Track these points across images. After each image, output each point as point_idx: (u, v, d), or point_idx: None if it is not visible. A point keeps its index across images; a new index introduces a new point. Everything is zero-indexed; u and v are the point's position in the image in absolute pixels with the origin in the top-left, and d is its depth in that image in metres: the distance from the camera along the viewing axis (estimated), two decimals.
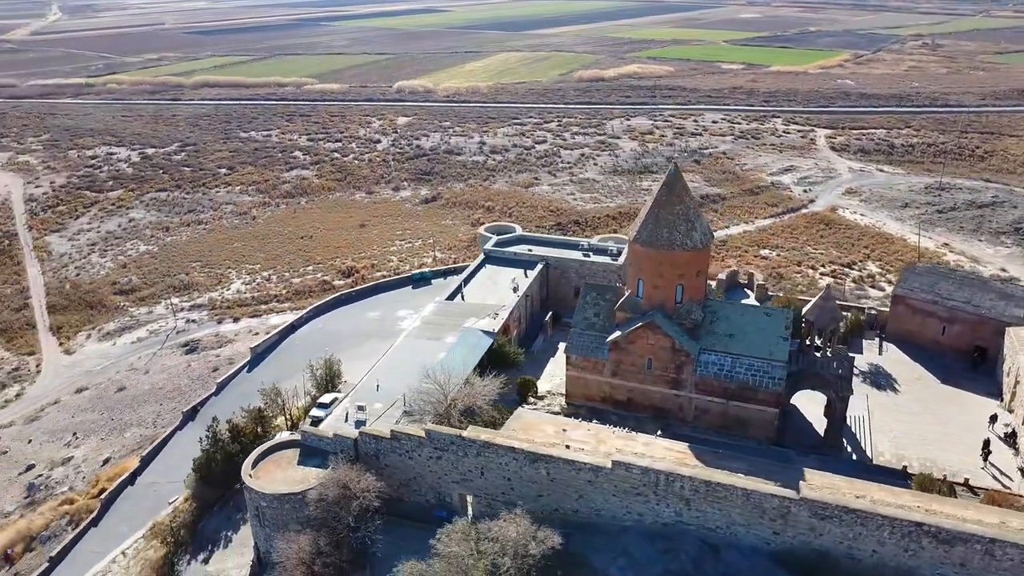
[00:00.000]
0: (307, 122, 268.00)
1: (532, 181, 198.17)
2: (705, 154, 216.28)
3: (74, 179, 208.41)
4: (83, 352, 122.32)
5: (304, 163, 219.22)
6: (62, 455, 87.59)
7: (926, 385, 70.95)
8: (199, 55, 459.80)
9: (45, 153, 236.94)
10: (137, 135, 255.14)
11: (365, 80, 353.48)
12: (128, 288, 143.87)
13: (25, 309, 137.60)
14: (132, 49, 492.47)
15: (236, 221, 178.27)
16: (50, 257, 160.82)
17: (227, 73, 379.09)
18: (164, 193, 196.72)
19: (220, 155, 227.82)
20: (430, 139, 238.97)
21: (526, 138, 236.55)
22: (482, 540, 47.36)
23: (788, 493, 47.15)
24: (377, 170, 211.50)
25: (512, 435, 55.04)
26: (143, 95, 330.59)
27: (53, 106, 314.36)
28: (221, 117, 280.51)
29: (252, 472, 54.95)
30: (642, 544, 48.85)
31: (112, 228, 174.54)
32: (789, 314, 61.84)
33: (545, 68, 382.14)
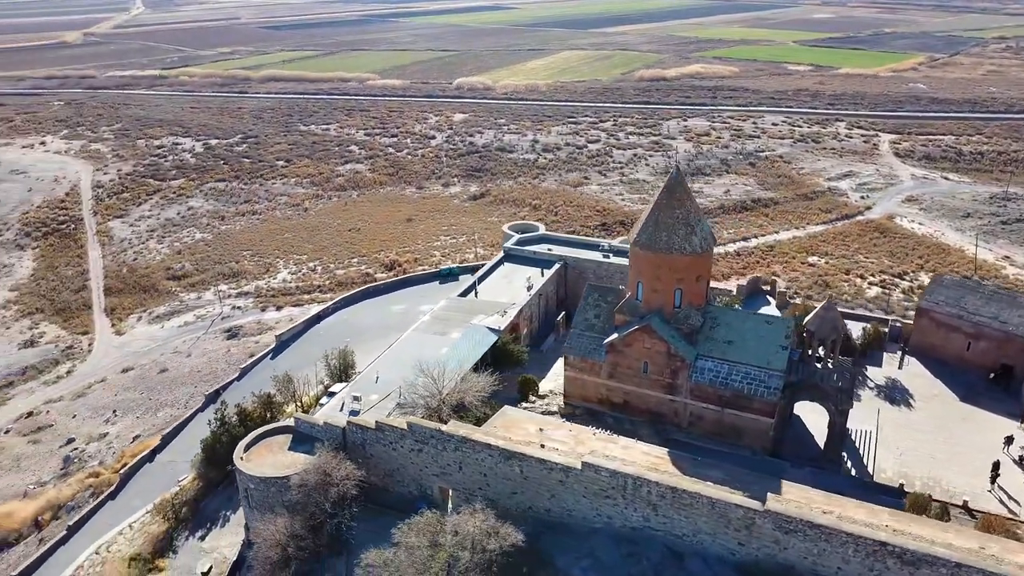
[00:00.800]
0: (366, 117, 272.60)
1: (581, 180, 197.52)
2: (761, 157, 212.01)
3: (140, 167, 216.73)
4: (132, 334, 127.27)
5: (359, 157, 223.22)
6: (99, 431, 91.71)
7: (943, 402, 68.31)
8: (269, 49, 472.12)
9: (116, 142, 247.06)
10: (203, 126, 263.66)
11: (426, 76, 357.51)
12: (180, 274, 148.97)
13: (83, 291, 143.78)
14: (207, 43, 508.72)
15: (289, 212, 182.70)
16: (111, 242, 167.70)
17: (294, 67, 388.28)
18: (223, 183, 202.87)
19: (279, 147, 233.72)
20: (484, 136, 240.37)
21: (579, 137, 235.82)
22: (441, 533, 47.94)
23: (753, 504, 46.37)
24: (429, 165, 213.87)
25: (493, 432, 55.37)
26: (212, 87, 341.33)
27: (128, 97, 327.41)
28: (284, 110, 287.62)
29: (244, 455, 56.77)
30: (609, 547, 48.59)
31: (171, 216, 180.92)
32: (791, 323, 60.39)
33: (607, 67, 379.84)
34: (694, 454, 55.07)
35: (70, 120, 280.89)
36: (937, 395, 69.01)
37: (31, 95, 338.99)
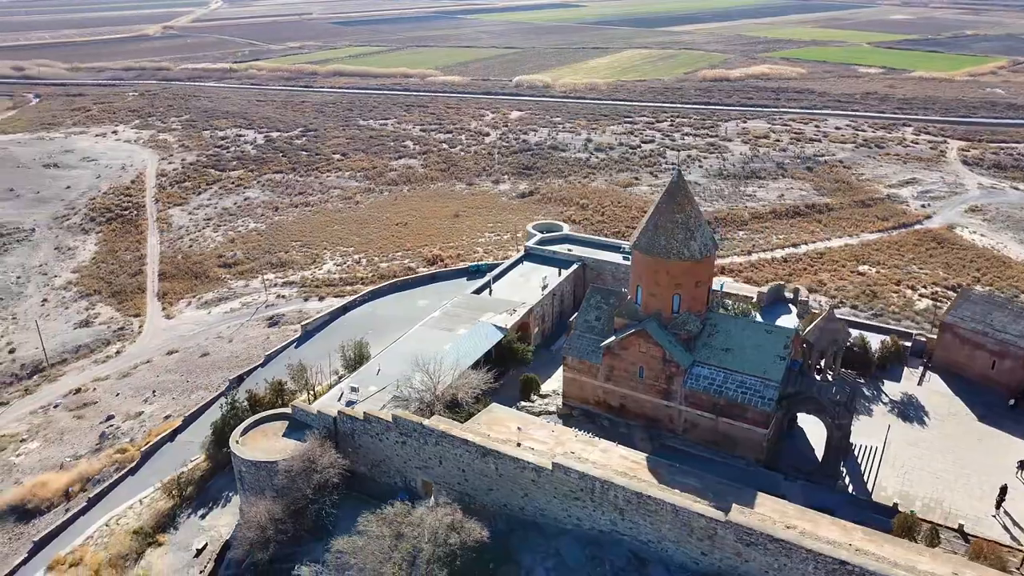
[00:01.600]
0: (424, 113, 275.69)
1: (632, 181, 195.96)
2: (820, 161, 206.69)
3: (203, 157, 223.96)
4: (181, 318, 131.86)
5: (413, 152, 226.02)
6: (136, 409, 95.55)
7: (960, 421, 65.53)
8: (337, 44, 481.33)
9: (182, 132, 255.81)
10: (266, 119, 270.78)
11: (487, 73, 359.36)
12: (232, 262, 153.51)
13: (139, 275, 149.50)
14: (278, 37, 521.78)
15: (340, 205, 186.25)
16: (169, 228, 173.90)
17: (360, 63, 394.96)
18: (280, 175, 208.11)
19: (337, 141, 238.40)
20: (537, 134, 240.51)
21: (634, 137, 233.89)
22: (406, 524, 48.60)
23: (716, 514, 45.69)
24: (481, 162, 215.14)
25: (476, 429, 55.75)
26: (279, 81, 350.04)
27: (199, 89, 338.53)
28: (345, 105, 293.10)
29: (240, 439, 58.60)
30: (575, 548, 48.52)
31: (228, 205, 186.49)
32: (791, 333, 58.76)
33: (670, 66, 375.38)
34: (687, 461, 54.46)
35: (142, 110, 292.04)
36: (954, 414, 66.31)
37: (109, 86, 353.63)
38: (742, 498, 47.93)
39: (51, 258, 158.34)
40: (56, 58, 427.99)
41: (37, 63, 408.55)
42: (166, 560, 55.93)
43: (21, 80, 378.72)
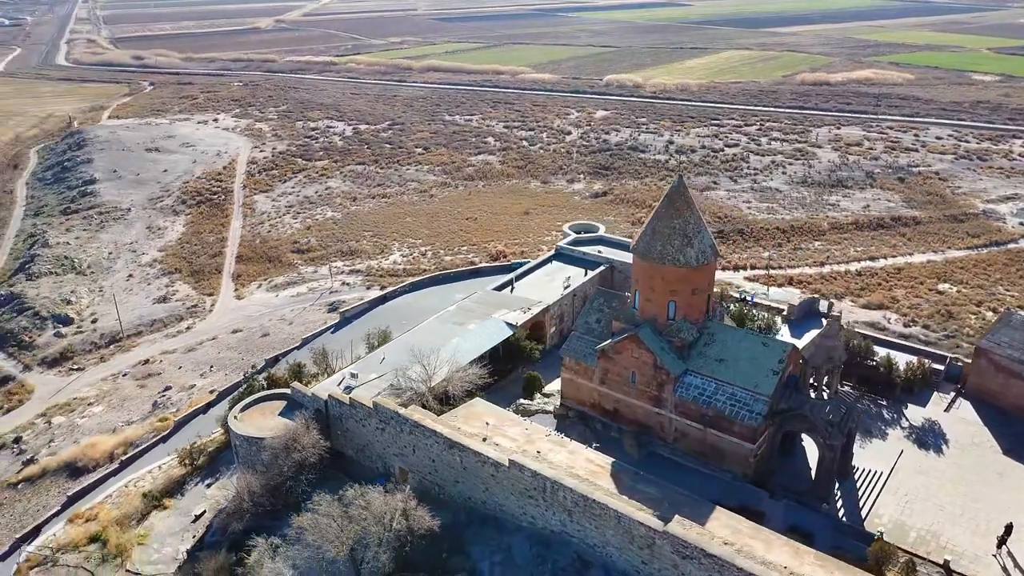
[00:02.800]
0: (509, 110, 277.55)
1: (710, 185, 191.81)
2: (913, 172, 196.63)
3: (292, 147, 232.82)
4: (250, 299, 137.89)
5: (492, 148, 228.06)
6: (191, 382, 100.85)
7: (981, 453, 61.19)
8: (436, 40, 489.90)
9: (277, 122, 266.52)
10: (357, 112, 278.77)
11: (579, 72, 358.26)
12: (305, 248, 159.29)
13: (219, 256, 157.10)
14: (381, 32, 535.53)
15: (416, 198, 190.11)
16: (253, 214, 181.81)
17: (456, 59, 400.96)
18: (362, 166, 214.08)
19: (421, 135, 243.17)
20: (620, 134, 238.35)
21: (718, 140, 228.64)
22: (356, 506, 49.85)
23: (654, 524, 44.97)
24: (558, 160, 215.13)
25: (451, 421, 56.39)
26: (374, 76, 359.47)
27: (299, 81, 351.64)
28: (434, 100, 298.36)
29: (239, 415, 61.25)
30: (525, 546, 48.54)
31: (310, 194, 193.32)
32: (788, 348, 56.27)
33: (769, 68, 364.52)
34: (674, 470, 53.42)
35: (243, 100, 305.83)
36: (978, 444, 62.05)
37: (216, 75, 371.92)
38: (697, 511, 46.81)
39: (142, 237, 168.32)
40: (174, 48, 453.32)
41: (155, 52, 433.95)
42: (166, 523, 59.51)
43: (140, 68, 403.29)
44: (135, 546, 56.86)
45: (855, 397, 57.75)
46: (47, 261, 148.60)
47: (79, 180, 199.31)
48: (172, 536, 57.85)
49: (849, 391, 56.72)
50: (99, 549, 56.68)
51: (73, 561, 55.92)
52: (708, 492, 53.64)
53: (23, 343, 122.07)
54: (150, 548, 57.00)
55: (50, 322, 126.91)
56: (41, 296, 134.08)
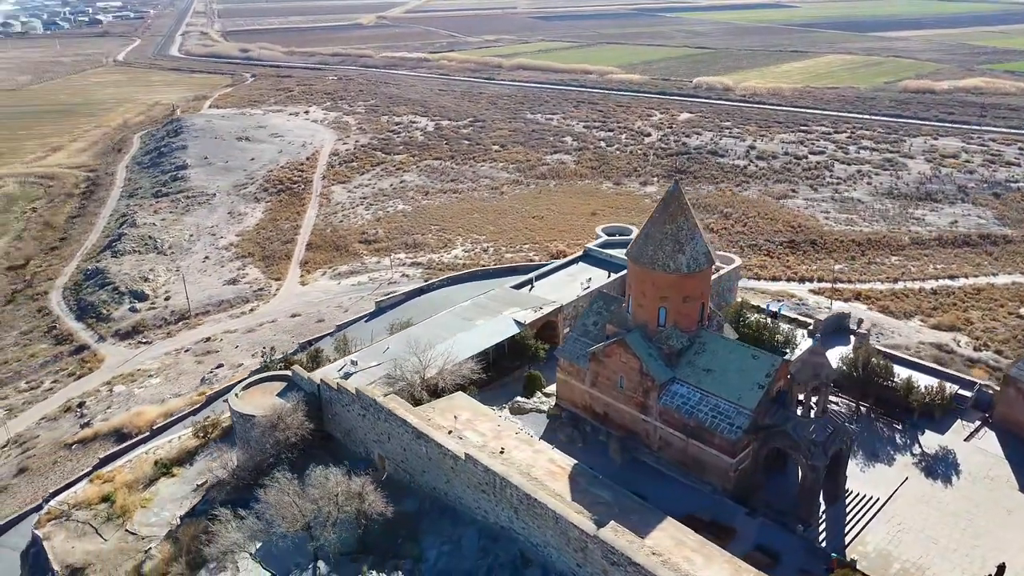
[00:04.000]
0: (591, 110, 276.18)
1: (788, 193, 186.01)
2: (1011, 187, 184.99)
3: (375, 141, 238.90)
4: (313, 285, 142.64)
5: (569, 148, 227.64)
6: (240, 361, 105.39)
7: (995, 487, 56.81)
8: (530, 39, 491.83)
9: (364, 116, 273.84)
10: (441, 108, 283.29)
11: (669, 73, 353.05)
12: (372, 239, 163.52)
13: (291, 243, 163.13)
14: (478, 30, 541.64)
15: (486, 194, 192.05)
16: (328, 204, 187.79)
17: (547, 58, 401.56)
18: (438, 162, 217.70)
19: (500, 133, 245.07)
20: (700, 138, 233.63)
21: (803, 147, 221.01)
22: (314, 485, 51.29)
23: (587, 527, 44.45)
24: (633, 162, 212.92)
25: (425, 412, 56.98)
26: (464, 73, 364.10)
27: (391, 76, 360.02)
28: (518, 98, 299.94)
29: (240, 393, 63.76)
30: (474, 539, 48.88)
31: (384, 187, 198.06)
32: (778, 361, 53.83)
33: (870, 74, 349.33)
34: (655, 479, 52.30)
35: (335, 94, 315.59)
36: (992, 478, 57.74)
37: (314, 69, 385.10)
38: (645, 520, 45.82)
39: (222, 221, 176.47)
40: (278, 42, 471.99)
41: (260, 46, 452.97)
42: (170, 489, 62.97)
43: (244, 61, 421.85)
44: (138, 508, 60.59)
45: (851, 417, 54.77)
46: (132, 240, 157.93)
47: (172, 165, 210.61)
48: (173, 502, 61.24)
49: (839, 411, 53.81)
50: (107, 508, 60.73)
51: (83, 517, 60.06)
52: (683, 503, 52.55)
53: (101, 315, 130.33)
54: (151, 511, 60.63)
55: (127, 297, 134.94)
56: (122, 273, 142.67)
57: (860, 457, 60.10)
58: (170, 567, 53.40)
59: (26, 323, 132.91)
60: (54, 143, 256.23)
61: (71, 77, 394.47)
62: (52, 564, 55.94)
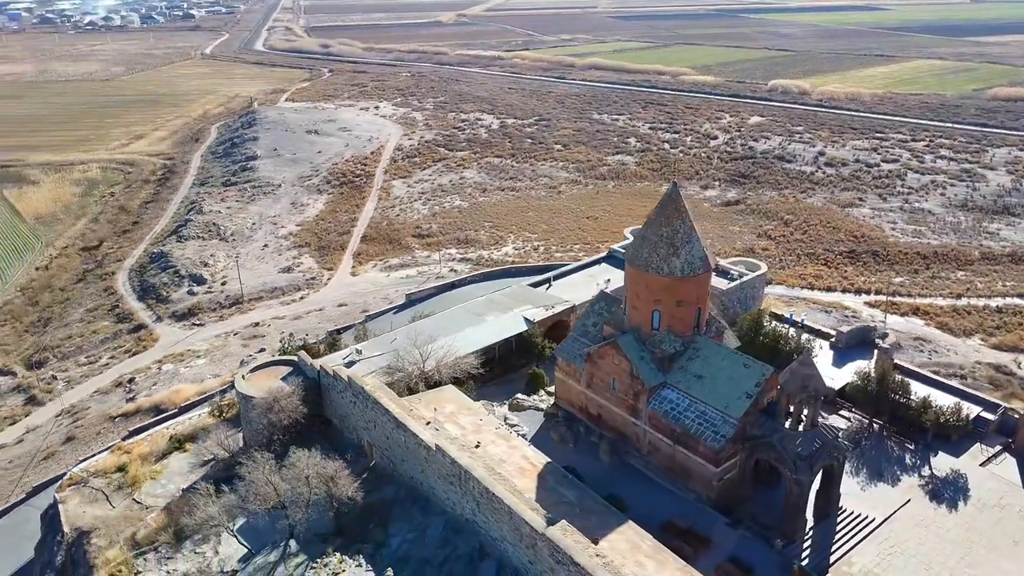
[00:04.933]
0: (659, 111, 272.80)
1: (854, 201, 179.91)
2: None
3: (439, 137, 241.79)
4: (363, 277, 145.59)
5: (631, 149, 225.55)
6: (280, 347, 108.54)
7: (1004, 515, 53.27)
8: (606, 39, 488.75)
9: (432, 112, 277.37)
10: (508, 106, 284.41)
11: (745, 75, 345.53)
12: (425, 233, 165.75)
13: (347, 235, 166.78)
14: (555, 29, 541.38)
15: (543, 193, 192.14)
16: (387, 197, 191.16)
17: (621, 58, 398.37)
18: (499, 159, 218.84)
19: (564, 132, 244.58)
20: (768, 142, 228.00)
21: (876, 154, 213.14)
22: (283, 466, 52.22)
23: (537, 524, 44.10)
24: (696, 165, 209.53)
25: (414, 403, 57.38)
26: (536, 71, 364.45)
27: (463, 74, 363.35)
28: (586, 98, 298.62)
29: (247, 375, 65.69)
30: (438, 530, 49.44)
31: (443, 183, 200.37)
32: (767, 371, 51.80)
33: (960, 81, 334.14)
34: (642, 483, 51.32)
35: (407, 90, 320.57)
36: (1003, 507, 54.23)
37: (389, 66, 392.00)
38: (604, 522, 45.13)
39: (285, 211, 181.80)
40: (358, 38, 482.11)
41: (340, 42, 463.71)
42: (179, 463, 65.54)
43: (324, 56, 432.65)
44: (147, 480, 63.43)
45: (862, 434, 51.91)
46: (197, 226, 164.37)
47: (243, 156, 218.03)
48: (180, 476, 63.81)
49: (834, 426, 51.29)
50: (120, 478, 63.80)
51: (98, 484, 63.33)
52: (664, 509, 51.73)
53: (161, 297, 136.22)
54: (158, 483, 63.34)
55: (187, 281, 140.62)
56: (184, 257, 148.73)
57: (863, 475, 57.91)
58: (159, 536, 55.95)
59: (93, 301, 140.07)
60: (138, 131, 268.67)
61: (160, 69, 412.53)
62: (63, 526, 59.32)
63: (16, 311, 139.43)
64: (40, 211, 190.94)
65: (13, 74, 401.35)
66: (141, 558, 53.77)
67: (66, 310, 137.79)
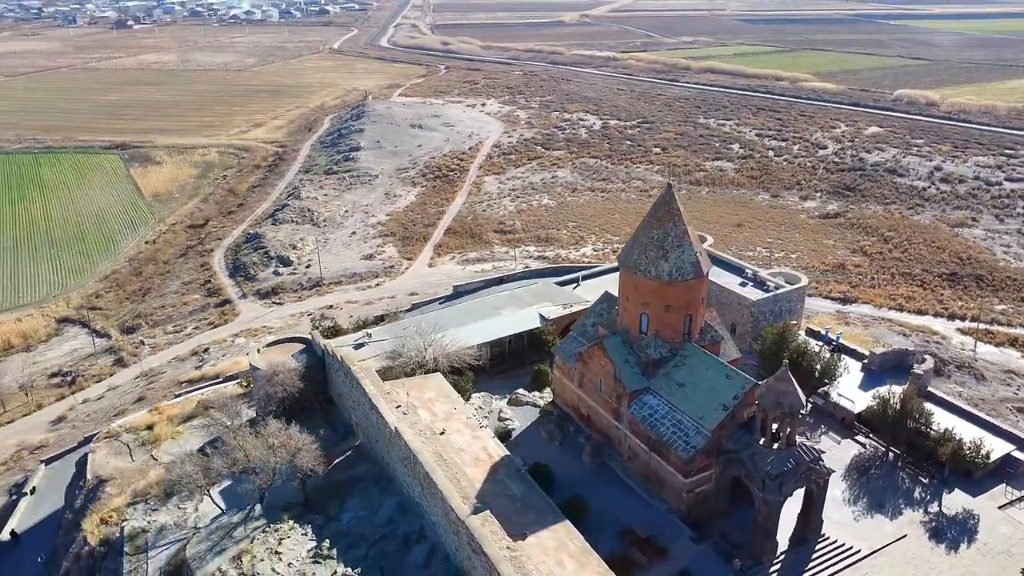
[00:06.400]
0: (770, 117, 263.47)
1: (966, 221, 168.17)
2: None
3: (538, 136, 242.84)
4: (439, 268, 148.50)
5: (732, 156, 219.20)
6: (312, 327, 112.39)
7: (1011, 563, 47.66)
8: (729, 42, 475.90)
9: (536, 111, 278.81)
10: (614, 108, 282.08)
11: (871, 83, 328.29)
12: (508, 230, 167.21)
13: (432, 227, 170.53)
14: (677, 31, 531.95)
15: (633, 196, 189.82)
16: (477, 193, 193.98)
17: (742, 62, 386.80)
18: (594, 160, 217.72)
19: (664, 136, 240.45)
20: (882, 154, 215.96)
21: (999, 172, 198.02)
22: (254, 434, 53.99)
23: (461, 512, 43.79)
24: (798, 175, 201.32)
25: (398, 387, 57.94)
26: (648, 73, 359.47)
27: (575, 74, 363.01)
28: (695, 102, 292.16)
29: (262, 349, 68.39)
30: (388, 509, 50.20)
31: (535, 181, 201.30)
32: (747, 384, 48.52)
33: None
34: (616, 487, 49.99)
35: (516, 88, 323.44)
36: (1011, 555, 48.51)
37: (504, 64, 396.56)
38: (541, 518, 44.23)
39: (378, 201, 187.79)
40: (478, 37, 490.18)
41: (460, 39, 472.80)
42: (200, 427, 69.36)
43: (443, 53, 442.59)
44: (168, 439, 67.66)
45: (875, 461, 47.93)
46: (292, 211, 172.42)
47: (347, 147, 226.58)
48: (196, 438, 67.62)
49: (810, 447, 47.31)
50: (146, 435, 68.45)
51: (126, 439, 68.14)
52: (630, 515, 50.33)
53: (249, 275, 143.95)
54: (176, 443, 67.51)
55: (274, 262, 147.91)
56: (276, 239, 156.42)
57: (860, 504, 54.25)
58: (152, 489, 59.97)
59: (189, 275, 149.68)
60: (258, 119, 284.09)
61: (289, 61, 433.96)
62: (88, 473, 64.40)
63: (121, 279, 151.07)
64: (159, 189, 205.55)
65: (159, 62, 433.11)
66: (132, 507, 58.10)
67: (165, 282, 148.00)
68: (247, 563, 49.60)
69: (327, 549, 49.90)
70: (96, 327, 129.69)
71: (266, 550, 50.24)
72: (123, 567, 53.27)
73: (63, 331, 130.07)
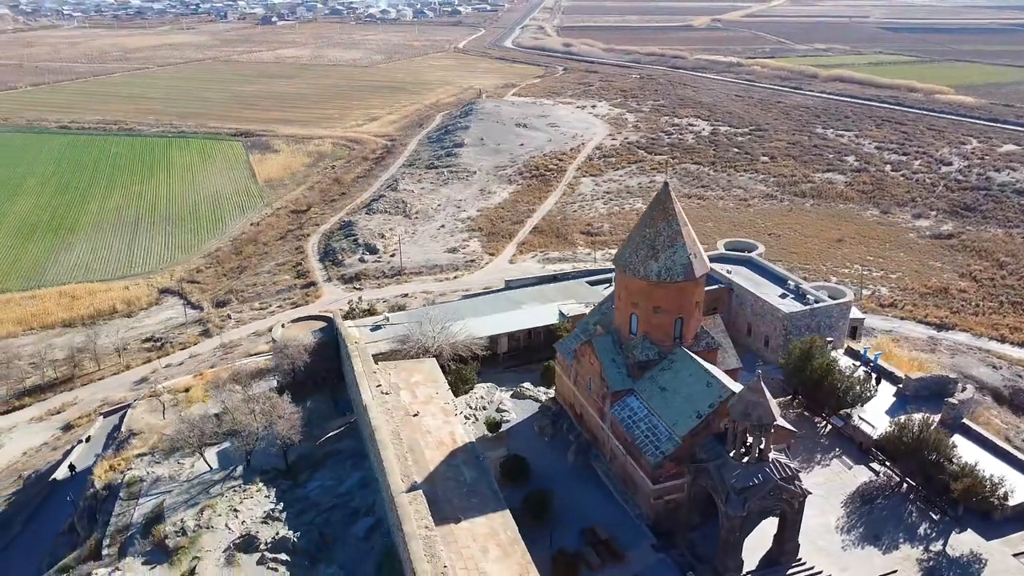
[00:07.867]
0: (894, 130, 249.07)
1: None
2: None
3: (643, 139, 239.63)
4: (519, 264, 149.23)
5: (845, 169, 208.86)
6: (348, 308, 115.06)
7: None
8: (865, 50, 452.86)
9: (645, 115, 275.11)
10: (727, 114, 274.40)
11: (1016, 98, 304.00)
12: (594, 231, 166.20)
13: (519, 224, 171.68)
14: (812, 38, 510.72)
15: (731, 205, 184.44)
16: (571, 193, 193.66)
17: (876, 71, 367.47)
18: (696, 166, 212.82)
19: (775, 144, 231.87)
20: (1014, 174, 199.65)
21: None
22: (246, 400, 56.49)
23: (395, 487, 44.23)
24: (914, 192, 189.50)
25: (390, 368, 58.24)
26: (772, 80, 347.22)
27: (694, 79, 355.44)
28: (816, 111, 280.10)
29: (286, 324, 70.84)
30: (352, 483, 50.80)
31: (632, 184, 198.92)
32: (724, 394, 45.11)
33: None
34: (592, 485, 48.50)
35: (630, 92, 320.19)
36: None
37: (623, 67, 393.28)
38: (481, 506, 43.40)
39: (472, 197, 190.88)
40: (605, 39, 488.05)
41: (583, 41, 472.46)
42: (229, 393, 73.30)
43: (563, 55, 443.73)
44: (199, 402, 71.73)
45: (884, 490, 44.20)
46: (387, 202, 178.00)
47: (452, 143, 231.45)
48: (222, 403, 71.21)
49: (784, 464, 43.31)
50: (181, 396, 72.92)
51: (164, 399, 72.91)
52: (595, 515, 48.99)
53: (336, 260, 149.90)
54: (206, 406, 71.42)
55: (362, 249, 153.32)
56: (366, 228, 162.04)
57: (855, 534, 50.36)
58: (161, 443, 64.11)
59: (284, 257, 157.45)
60: (374, 114, 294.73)
61: (414, 59, 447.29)
62: (123, 426, 69.65)
63: (223, 257, 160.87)
64: (272, 175, 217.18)
65: (293, 57, 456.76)
66: (140, 458, 62.50)
67: (261, 262, 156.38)
68: (206, 516, 53.21)
69: (279, 512, 52.22)
70: (192, 299, 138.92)
71: (228, 507, 53.88)
72: (115, 509, 57.83)
73: (163, 301, 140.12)
